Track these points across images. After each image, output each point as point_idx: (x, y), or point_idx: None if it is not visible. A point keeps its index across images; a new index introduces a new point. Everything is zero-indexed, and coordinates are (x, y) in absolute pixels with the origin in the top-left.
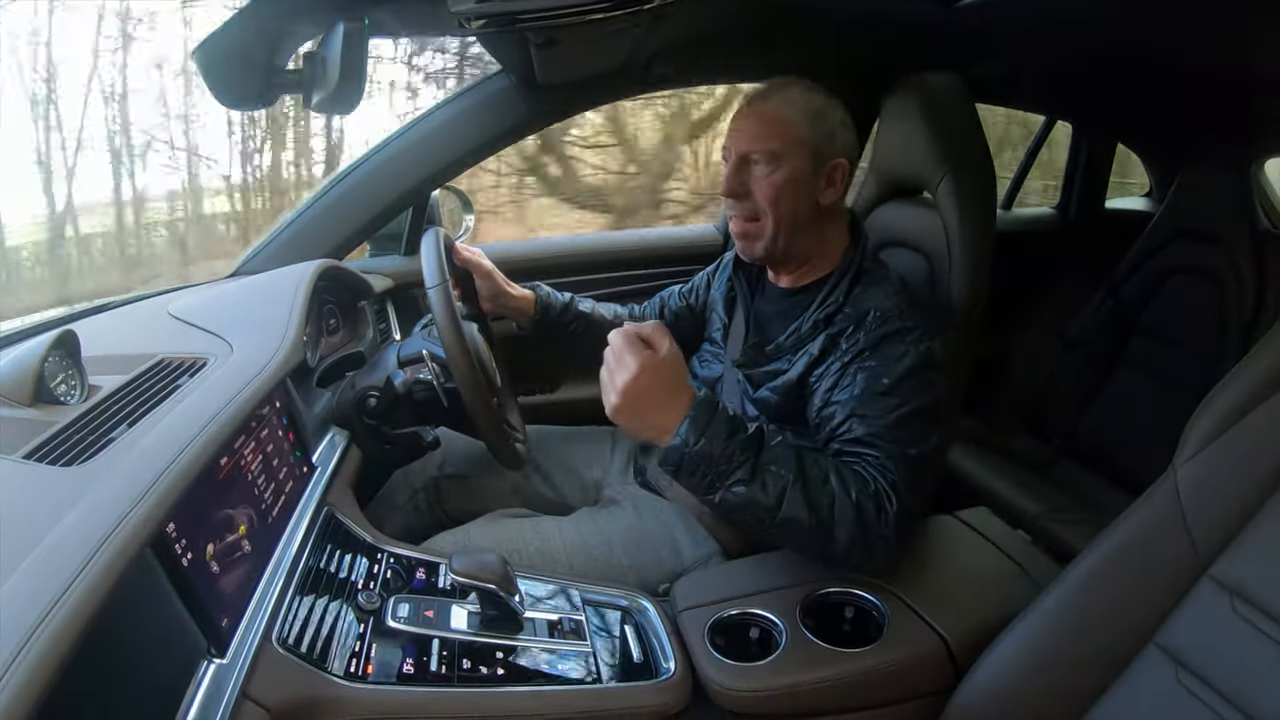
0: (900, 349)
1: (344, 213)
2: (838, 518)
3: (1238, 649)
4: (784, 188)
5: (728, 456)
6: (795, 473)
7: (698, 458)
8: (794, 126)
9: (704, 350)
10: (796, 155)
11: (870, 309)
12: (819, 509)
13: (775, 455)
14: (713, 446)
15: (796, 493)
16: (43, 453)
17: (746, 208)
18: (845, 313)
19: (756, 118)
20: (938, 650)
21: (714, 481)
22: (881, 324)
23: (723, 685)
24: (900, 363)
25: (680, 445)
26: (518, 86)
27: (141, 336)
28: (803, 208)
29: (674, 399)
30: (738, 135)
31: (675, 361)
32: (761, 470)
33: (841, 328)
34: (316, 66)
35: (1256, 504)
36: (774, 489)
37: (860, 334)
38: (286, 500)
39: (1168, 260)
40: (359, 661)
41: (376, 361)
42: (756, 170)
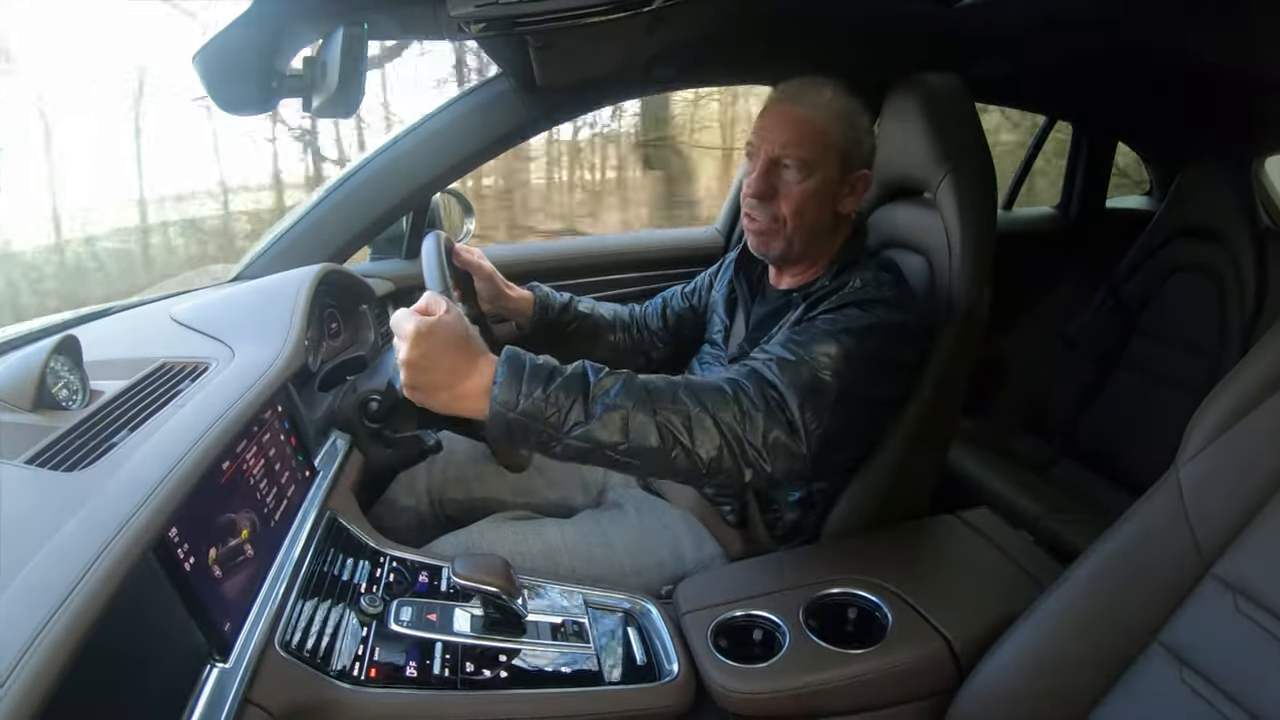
0: (860, 310)
1: (345, 217)
2: (696, 434)
3: (1241, 647)
4: (812, 196)
5: (555, 405)
6: (634, 399)
7: (524, 417)
8: (827, 134)
9: (704, 352)
10: (827, 164)
11: (849, 280)
12: (673, 428)
13: (606, 387)
14: (535, 400)
15: (642, 417)
16: (45, 458)
17: (769, 210)
18: (826, 286)
19: (791, 121)
20: (940, 651)
21: (551, 434)
22: (857, 291)
23: (726, 687)
24: (855, 321)
25: (501, 410)
26: (517, 90)
27: (143, 341)
28: (824, 215)
29: (469, 363)
30: (769, 137)
31: (455, 322)
32: (594, 406)
33: (820, 298)
34: (316, 70)
35: (1259, 502)
36: (615, 421)
37: (834, 296)
38: (289, 504)
39: (1168, 259)
40: (362, 665)
41: (378, 365)
42: (786, 175)
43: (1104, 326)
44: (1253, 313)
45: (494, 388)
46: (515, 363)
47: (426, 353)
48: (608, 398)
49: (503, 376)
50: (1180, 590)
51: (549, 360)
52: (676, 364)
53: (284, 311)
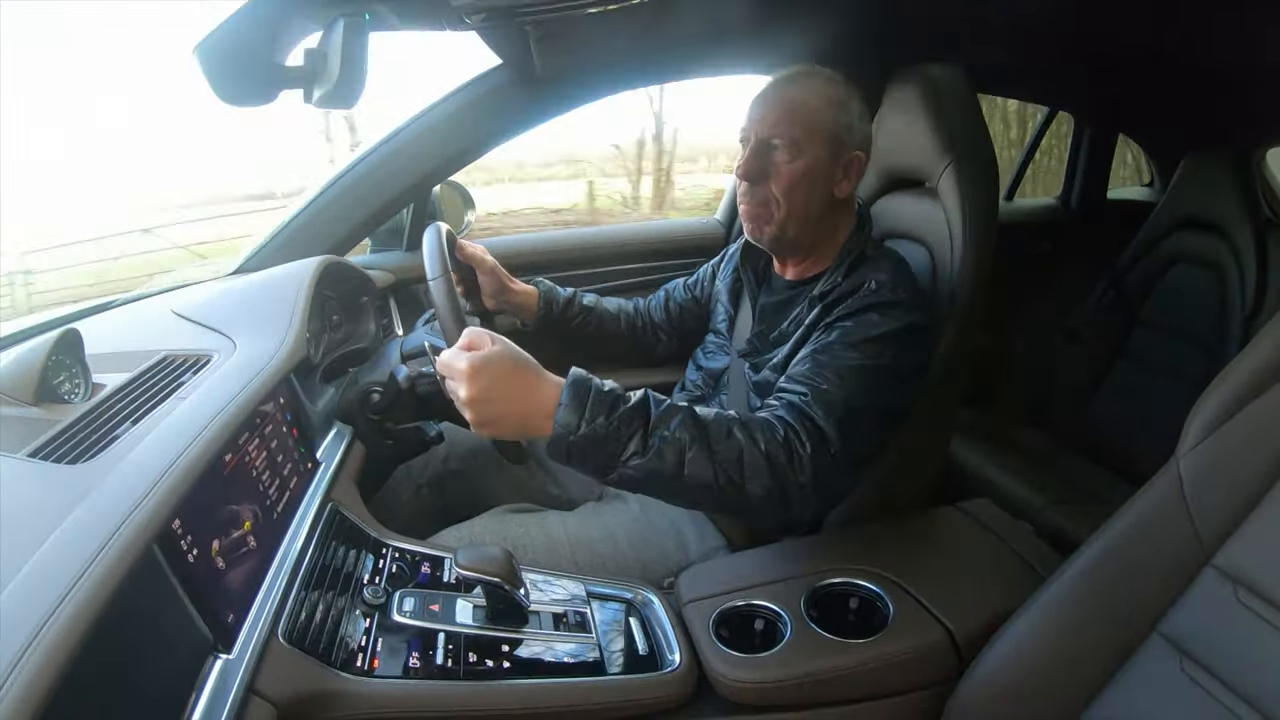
0: (879, 316)
1: (345, 209)
2: (748, 471)
3: (1241, 638)
4: (802, 177)
5: (615, 433)
6: (692, 433)
7: (585, 441)
8: (817, 115)
9: (708, 341)
10: (817, 145)
11: (863, 281)
12: (726, 466)
13: (666, 418)
14: (596, 426)
15: (698, 453)
16: (47, 451)
17: (761, 193)
18: (841, 288)
19: (780, 103)
20: (942, 641)
21: (608, 462)
22: (872, 294)
23: (727, 677)
24: (875, 328)
25: (563, 433)
26: (517, 80)
27: (145, 334)
28: (817, 198)
29: (531, 387)
30: (759, 120)
31: (506, 352)
32: (654, 438)
33: (835, 300)
34: (318, 62)
35: (1259, 493)
36: (671, 455)
37: (850, 300)
38: (291, 496)
39: (1169, 251)
40: (365, 656)
41: (379, 357)
42: (776, 156)
43: (1105, 318)
44: (1253, 304)
45: (558, 410)
46: (580, 386)
47: (487, 386)
48: (667, 430)
49: (567, 399)
50: (1180, 581)
51: (614, 387)
52: (681, 356)
53: (285, 304)
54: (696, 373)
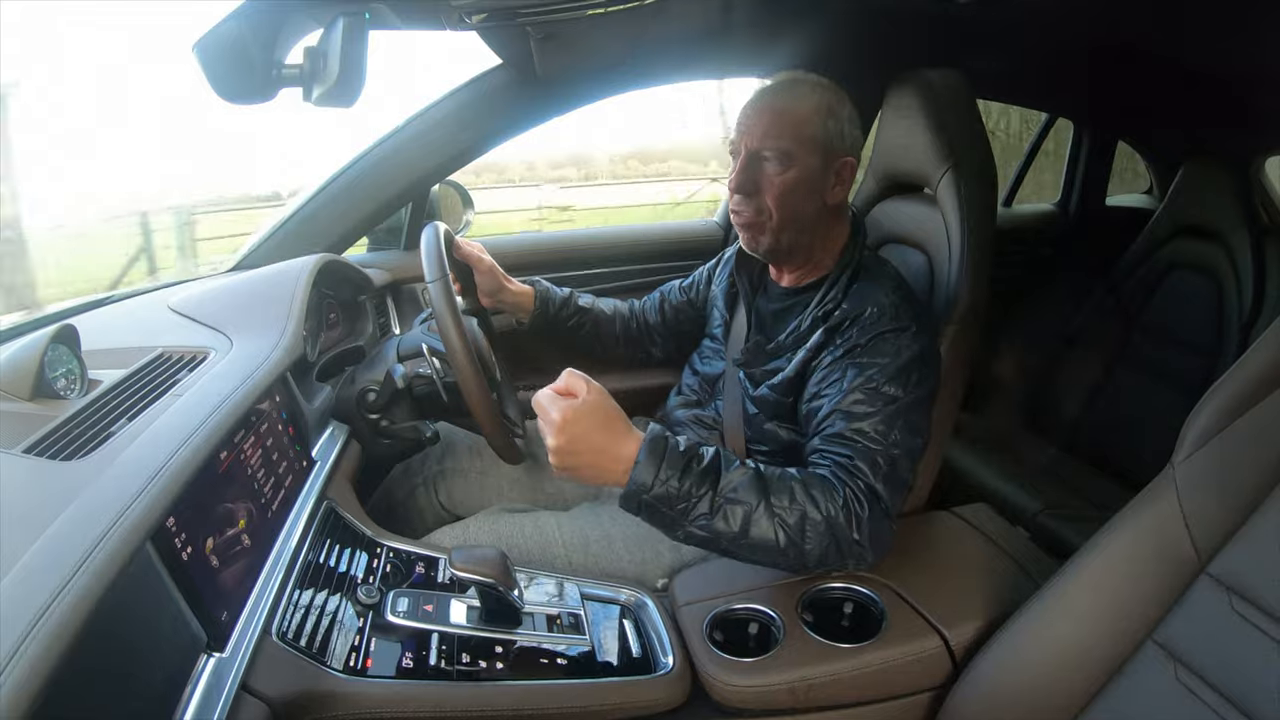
0: (894, 346)
1: (344, 207)
2: (808, 533)
3: (1236, 647)
4: (794, 187)
5: (685, 494)
6: (758, 497)
7: (656, 501)
8: (807, 124)
9: (704, 346)
10: (808, 153)
11: (868, 306)
12: (787, 528)
13: (734, 482)
14: (669, 486)
15: (761, 516)
16: (43, 447)
17: (753, 204)
18: (843, 308)
19: (769, 113)
20: (936, 646)
21: (676, 520)
22: (878, 321)
23: (721, 680)
24: (893, 361)
25: (636, 490)
26: (518, 80)
27: (141, 331)
28: (810, 207)
29: (615, 441)
30: (749, 131)
31: (600, 401)
32: (721, 499)
33: (838, 323)
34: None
35: (1255, 501)
36: (737, 518)
37: (855, 329)
38: (286, 494)
39: (1168, 257)
40: (358, 655)
41: (376, 356)
42: (767, 167)
43: (1103, 324)
44: (1251, 311)
45: (635, 467)
46: (657, 444)
47: (576, 437)
48: (734, 493)
49: (643, 458)
50: (1175, 588)
51: (690, 445)
52: (677, 359)
53: (282, 302)
54: (693, 377)
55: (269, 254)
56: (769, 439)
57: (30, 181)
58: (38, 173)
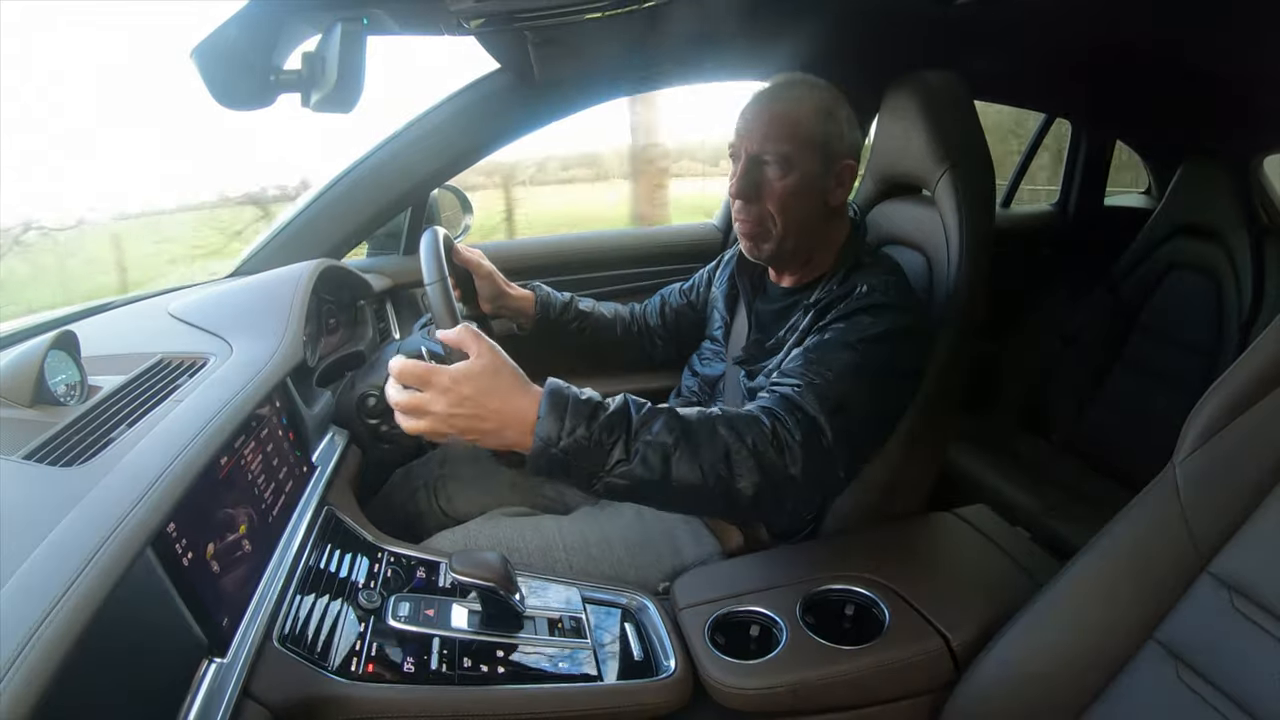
0: (871, 318)
1: (343, 212)
2: (736, 469)
3: (1237, 645)
4: (795, 192)
5: (597, 441)
6: (676, 435)
7: (565, 454)
8: (805, 127)
9: (704, 348)
10: (808, 157)
11: (857, 285)
12: (715, 465)
13: (647, 422)
14: (577, 437)
15: (683, 455)
16: (43, 453)
17: (755, 210)
18: (835, 293)
19: (768, 117)
20: (938, 647)
21: (592, 472)
22: (864, 297)
23: (723, 683)
24: (868, 330)
25: (543, 446)
26: (516, 85)
27: (141, 336)
28: (812, 211)
29: (512, 399)
30: (748, 135)
31: (494, 360)
32: (637, 443)
33: (828, 305)
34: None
35: (1255, 500)
36: (657, 460)
37: (841, 305)
38: (287, 500)
39: (1166, 257)
40: (360, 660)
41: (376, 361)
42: (768, 172)
43: (1102, 324)
44: (1250, 311)
45: (537, 423)
46: (558, 397)
47: (466, 398)
48: (649, 434)
49: (545, 411)
50: (1177, 587)
51: (592, 395)
52: (678, 362)
53: (282, 307)
54: (693, 379)
55: (268, 259)
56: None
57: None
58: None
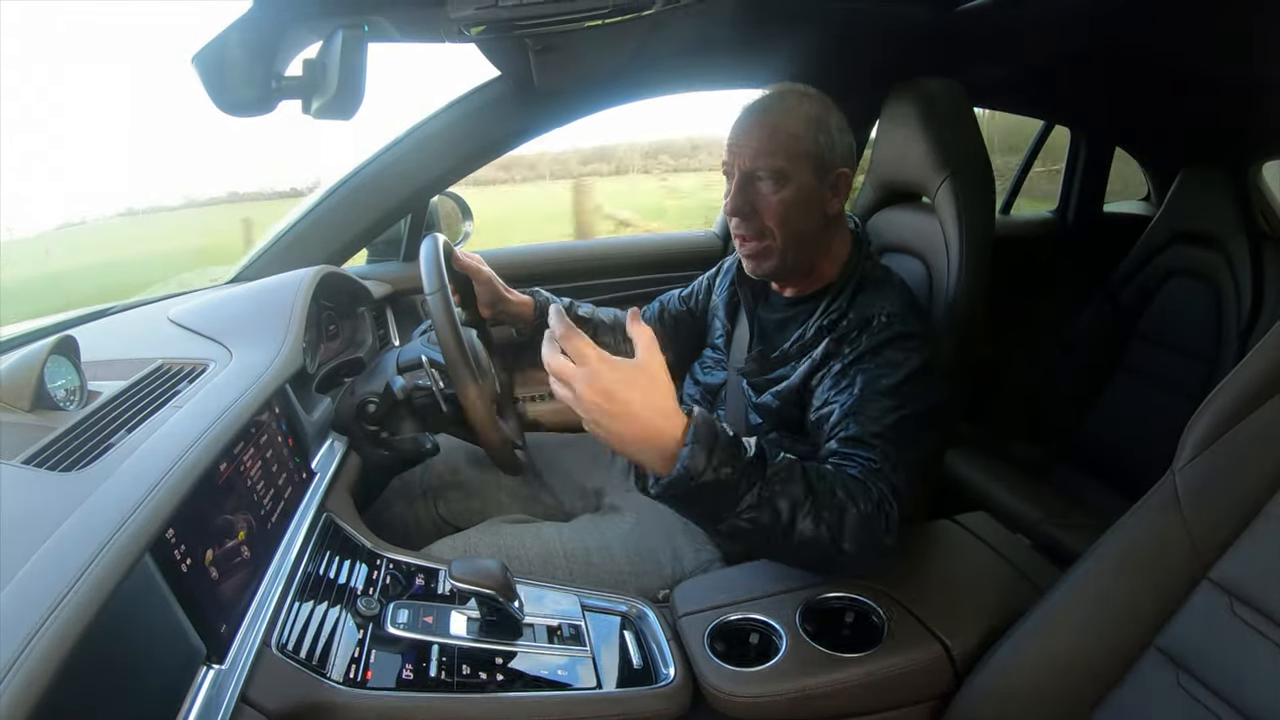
0: (902, 354)
1: (343, 219)
2: (847, 531)
3: (1238, 652)
4: (791, 206)
5: (734, 483)
6: (804, 490)
7: (703, 489)
8: (798, 139)
9: (706, 356)
10: (802, 170)
11: (874, 314)
12: (830, 525)
13: (781, 473)
14: (722, 475)
15: (807, 511)
16: (42, 458)
17: (753, 226)
18: (849, 318)
19: (759, 132)
20: (938, 655)
21: (722, 511)
22: (885, 328)
23: (723, 691)
24: (901, 368)
25: (684, 476)
26: (516, 92)
27: (141, 342)
28: (811, 222)
29: (660, 414)
30: (740, 151)
31: (659, 370)
32: (769, 491)
33: (845, 332)
34: (316, 73)
35: (1255, 507)
36: (785, 511)
37: (863, 338)
38: (286, 506)
39: (1166, 264)
40: (358, 667)
41: (375, 368)
42: (762, 187)
43: (1101, 331)
44: (1249, 317)
45: (683, 450)
46: (709, 430)
47: (621, 403)
48: (781, 485)
49: (692, 440)
50: (1177, 594)
51: (735, 433)
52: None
53: (282, 313)
54: (694, 387)
55: (268, 266)
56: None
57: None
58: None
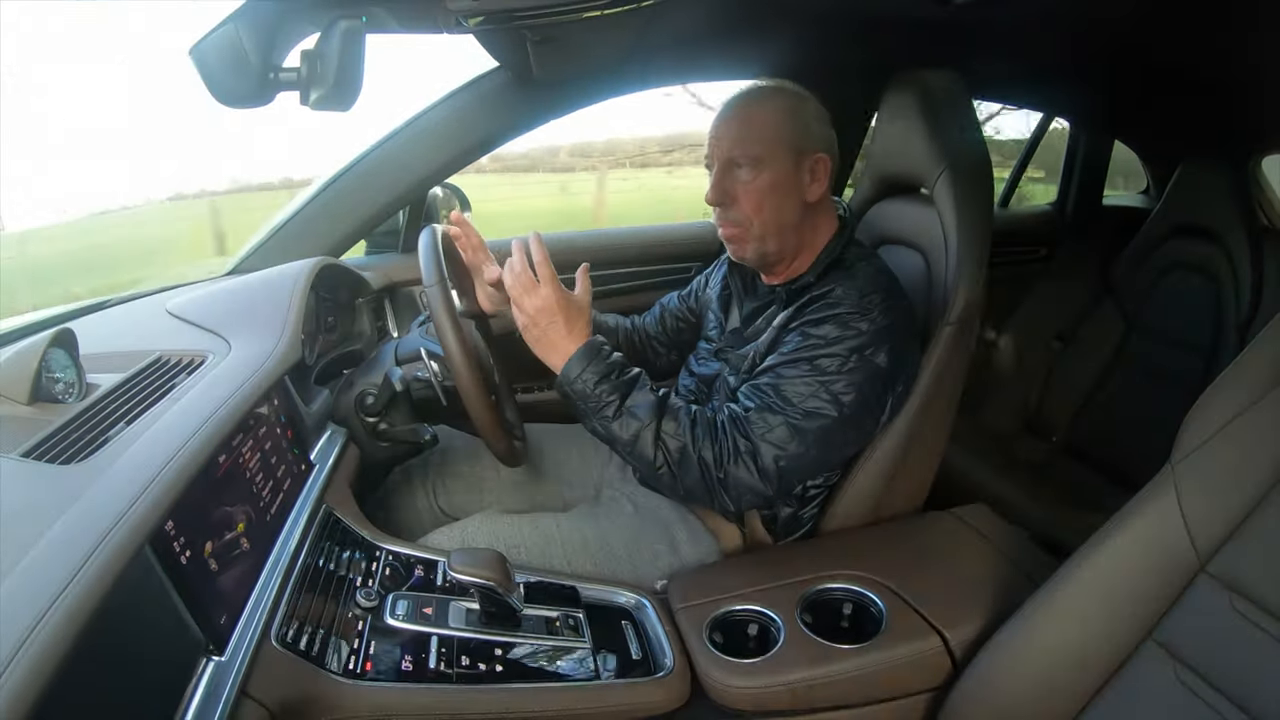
0: (846, 326)
1: (341, 210)
2: (683, 464)
3: (1236, 646)
4: (768, 192)
5: (598, 395)
6: (652, 418)
7: (574, 392)
8: (771, 127)
9: (700, 348)
10: (777, 156)
11: (836, 287)
12: (667, 453)
13: (639, 400)
14: (587, 384)
15: (649, 436)
16: (41, 451)
17: (734, 214)
18: (812, 293)
19: (735, 122)
20: (936, 647)
21: (586, 413)
22: (839, 301)
23: (721, 682)
24: (839, 338)
25: (561, 379)
26: (514, 83)
27: (139, 334)
28: (789, 209)
29: (573, 334)
30: (718, 141)
31: (586, 307)
32: (624, 411)
33: (806, 301)
34: (314, 64)
35: (1254, 500)
36: (630, 430)
37: (817, 304)
38: (285, 498)
39: (1165, 257)
40: (358, 659)
41: (374, 359)
42: (740, 175)
43: (1100, 324)
44: (1249, 311)
45: (569, 360)
46: (593, 349)
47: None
48: (636, 409)
49: (579, 355)
50: (1175, 588)
51: (621, 359)
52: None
53: (280, 305)
54: (689, 379)
55: (266, 257)
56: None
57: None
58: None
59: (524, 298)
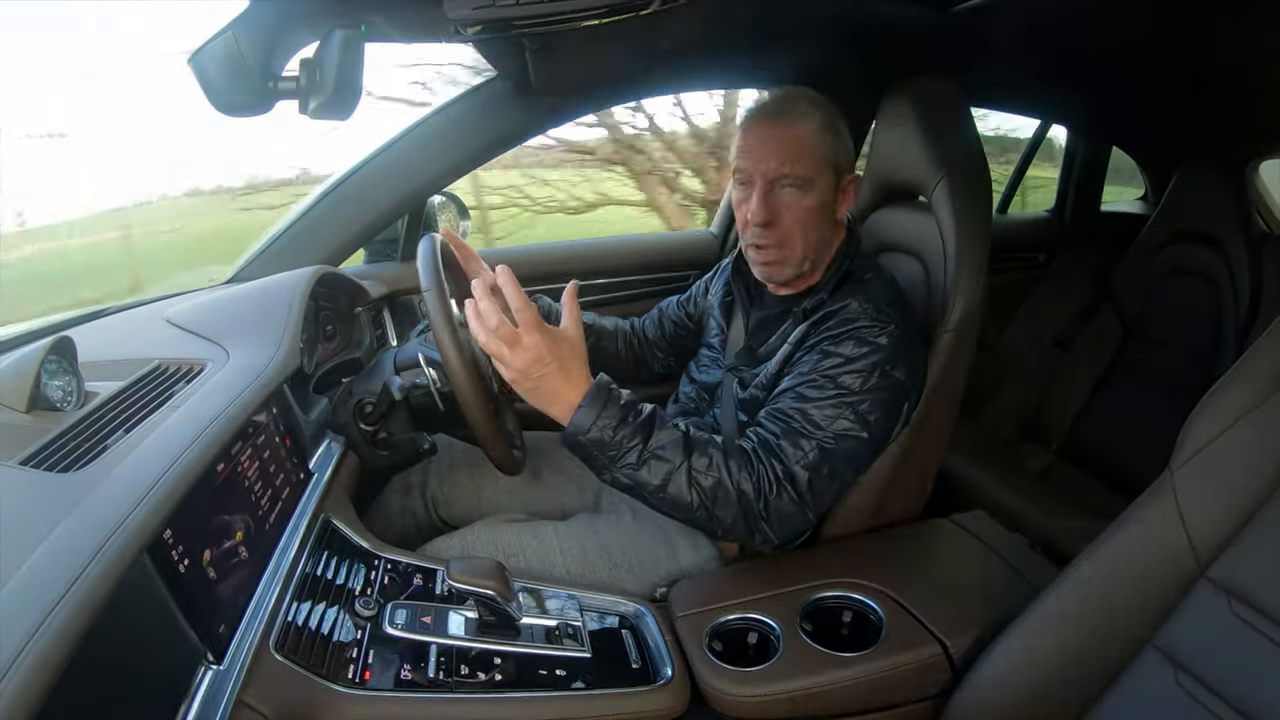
0: (864, 342)
1: (340, 219)
2: (719, 500)
3: (1236, 651)
4: (816, 212)
5: (618, 443)
6: (682, 457)
7: (591, 443)
8: (818, 147)
9: (702, 355)
10: (824, 176)
11: (850, 302)
12: (701, 491)
13: (663, 440)
14: (604, 432)
15: (681, 477)
16: (39, 459)
17: (777, 234)
18: (827, 307)
19: (780, 140)
20: (935, 654)
21: (606, 464)
22: (856, 317)
23: (721, 691)
24: (859, 355)
25: (574, 431)
26: (513, 92)
27: (138, 342)
28: (825, 226)
29: (571, 379)
30: (761, 158)
31: (581, 343)
32: (649, 455)
33: (821, 318)
34: (313, 73)
35: (1254, 505)
36: (659, 473)
37: (833, 322)
38: (283, 506)
39: (1164, 263)
40: (356, 668)
41: (373, 368)
42: (785, 195)
43: (1099, 330)
44: (1247, 316)
45: (577, 411)
46: (602, 393)
47: (550, 373)
48: (661, 450)
49: (587, 402)
50: (1175, 593)
51: (630, 399)
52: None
53: (279, 314)
54: (690, 386)
55: (265, 266)
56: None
57: None
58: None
59: (507, 354)
